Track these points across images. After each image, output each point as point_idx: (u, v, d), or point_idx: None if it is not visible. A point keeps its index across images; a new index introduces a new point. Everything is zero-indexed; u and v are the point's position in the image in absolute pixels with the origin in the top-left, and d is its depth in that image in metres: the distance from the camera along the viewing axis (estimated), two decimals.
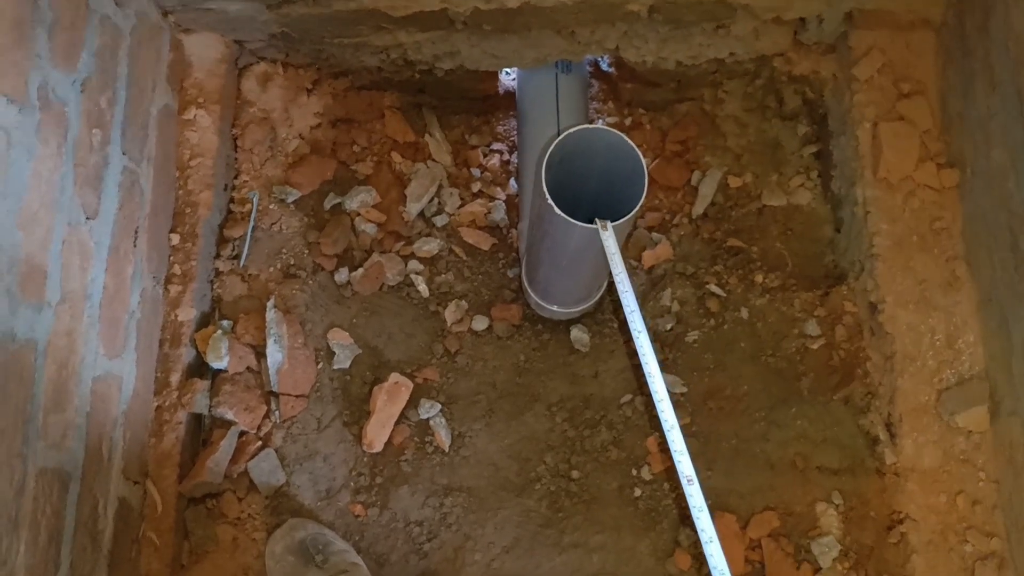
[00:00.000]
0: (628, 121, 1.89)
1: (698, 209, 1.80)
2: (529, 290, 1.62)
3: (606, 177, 1.35)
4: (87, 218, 1.28)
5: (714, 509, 1.52)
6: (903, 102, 1.56)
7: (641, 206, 1.23)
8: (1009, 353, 1.36)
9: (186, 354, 1.51)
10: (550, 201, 1.20)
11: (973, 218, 1.47)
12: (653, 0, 1.53)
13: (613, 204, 1.31)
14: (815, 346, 1.62)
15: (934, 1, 1.51)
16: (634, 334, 1.26)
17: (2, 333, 1.08)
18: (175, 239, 1.55)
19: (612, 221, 1.27)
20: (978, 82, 1.41)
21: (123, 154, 1.38)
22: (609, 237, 1.25)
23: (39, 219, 1.16)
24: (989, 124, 1.39)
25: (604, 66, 1.89)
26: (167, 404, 1.47)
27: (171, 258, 1.54)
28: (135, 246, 1.42)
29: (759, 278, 1.71)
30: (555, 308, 1.61)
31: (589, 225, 1.21)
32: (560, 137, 1.22)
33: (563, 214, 1.20)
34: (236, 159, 1.69)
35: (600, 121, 1.89)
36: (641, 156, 1.23)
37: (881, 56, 1.57)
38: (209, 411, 1.52)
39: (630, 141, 1.24)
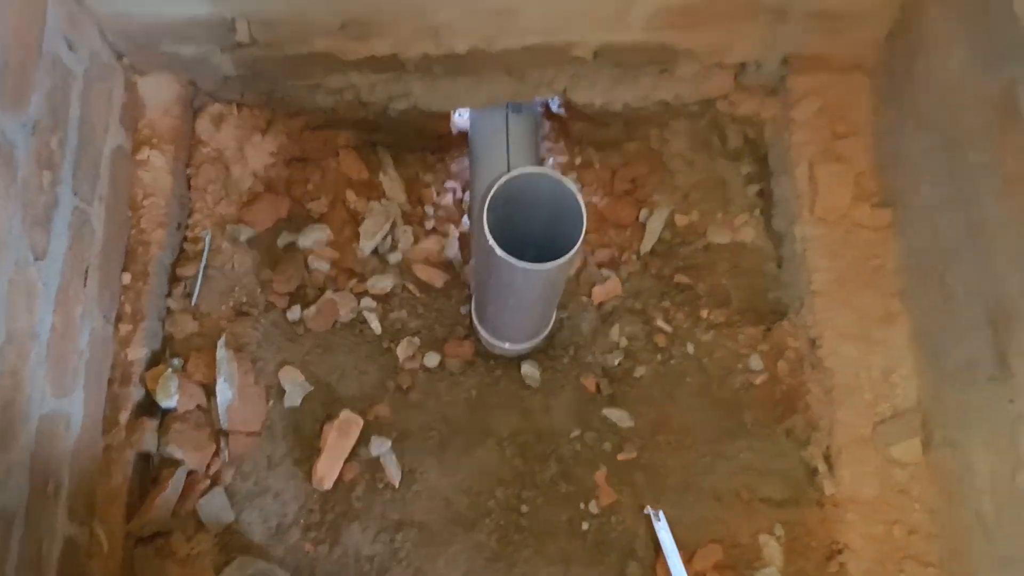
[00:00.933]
0: (578, 160, 1.94)
1: (646, 246, 1.84)
2: (480, 327, 1.64)
3: (551, 216, 1.38)
4: (35, 258, 1.29)
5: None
6: (839, 143, 1.61)
7: (578, 250, 1.26)
8: (940, 385, 1.41)
9: (135, 393, 1.52)
10: (491, 243, 1.23)
11: (906, 255, 1.52)
12: (597, 46, 1.57)
13: (559, 242, 1.34)
14: (759, 380, 1.66)
15: (866, 47, 1.57)
16: None
17: None
18: (127, 278, 1.55)
19: (556, 260, 1.30)
20: (907, 123, 1.47)
21: (74, 194, 1.40)
22: (663, 529, 1.36)
23: None
24: (918, 164, 1.44)
25: (555, 107, 1.93)
26: (116, 443, 1.47)
27: (122, 297, 1.55)
28: (85, 285, 1.43)
29: (705, 314, 1.75)
30: (506, 345, 1.64)
31: (532, 265, 1.24)
32: (501, 180, 1.26)
33: (505, 255, 1.23)
34: (190, 198, 1.70)
35: (551, 160, 1.93)
36: (581, 200, 1.27)
37: (818, 99, 1.63)
38: (158, 450, 1.52)
39: (570, 184, 1.27)
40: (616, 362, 1.72)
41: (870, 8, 1.48)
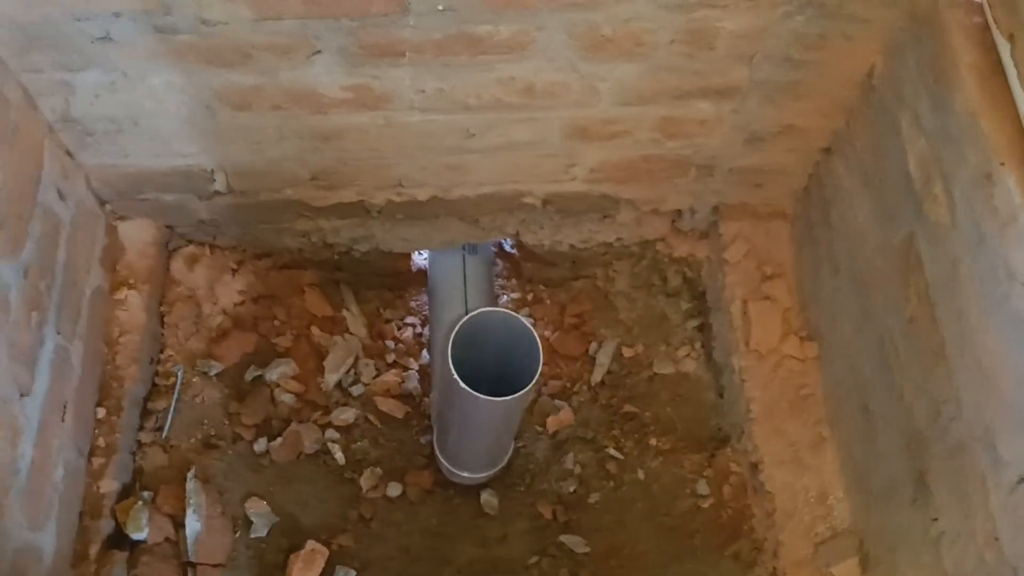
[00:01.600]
0: (530, 296, 2.08)
1: (596, 377, 1.96)
2: (440, 457, 1.72)
3: (506, 351, 1.49)
4: (20, 395, 1.35)
5: None
6: (767, 283, 1.78)
7: (536, 382, 1.38)
8: (869, 506, 1.52)
9: (106, 526, 1.55)
10: (456, 377, 1.34)
11: (831, 384, 1.66)
12: (545, 195, 1.73)
13: (515, 375, 1.45)
14: (705, 504, 1.75)
15: (785, 197, 1.76)
16: None
17: None
18: (101, 412, 1.61)
19: (513, 393, 1.41)
20: (824, 266, 1.64)
21: (57, 333, 1.47)
22: None
23: None
24: (835, 303, 1.60)
25: (507, 247, 2.08)
26: None
27: (96, 431, 1.60)
28: (63, 420, 1.48)
29: (653, 441, 1.85)
30: (465, 474, 1.72)
31: (494, 398, 1.34)
32: (464, 319, 1.38)
33: (469, 389, 1.34)
34: (162, 334, 1.78)
35: (504, 296, 2.07)
36: (537, 338, 1.39)
37: (746, 243, 1.80)
38: None
39: (527, 323, 1.40)
40: (571, 489, 1.81)
41: (787, 165, 1.66)
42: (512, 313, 1.41)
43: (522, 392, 1.35)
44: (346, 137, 1.53)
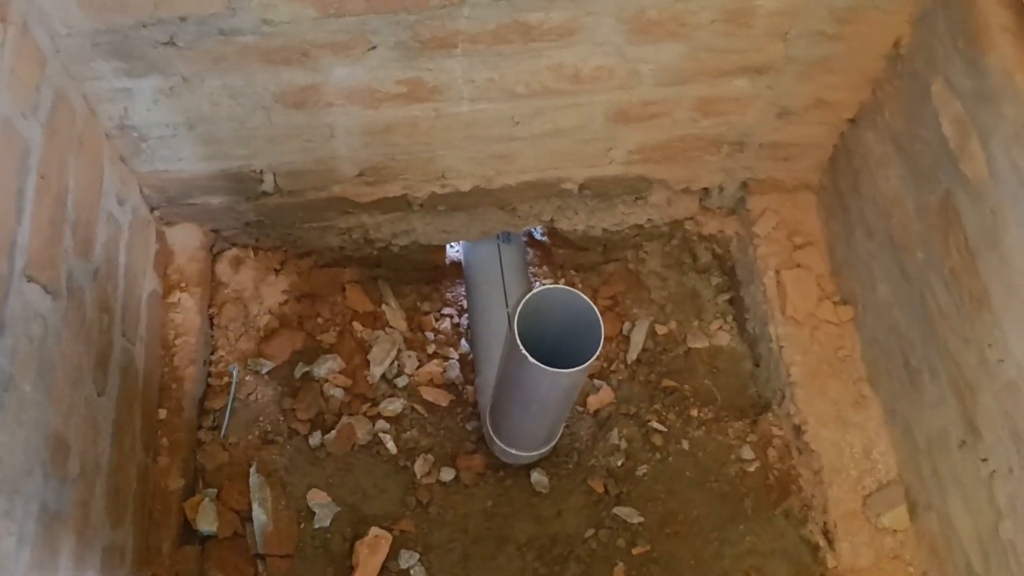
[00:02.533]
0: (562, 281, 2.13)
1: (632, 355, 2.02)
2: (495, 438, 1.77)
3: (564, 328, 1.54)
4: (98, 395, 1.38)
5: None
6: (798, 252, 1.84)
7: (598, 355, 1.43)
8: (916, 455, 1.59)
9: (175, 523, 1.58)
10: (524, 352, 1.39)
11: (870, 345, 1.73)
12: (583, 179, 1.79)
13: (571, 351, 1.50)
14: (752, 468, 1.81)
15: (812, 169, 1.83)
16: None
17: (38, 505, 1.16)
18: (162, 413, 1.64)
19: (572, 367, 1.46)
20: (857, 232, 1.71)
21: (122, 335, 1.50)
22: None
23: (64, 396, 1.26)
24: (871, 265, 1.67)
25: (537, 235, 2.14)
26: (161, 572, 1.52)
27: (159, 431, 1.63)
28: (131, 421, 1.52)
29: (694, 412, 1.91)
30: (520, 453, 1.76)
31: (561, 370, 1.39)
32: (528, 295, 1.42)
33: (537, 362, 1.39)
34: (212, 335, 1.81)
35: (538, 282, 2.12)
36: (597, 311, 1.44)
37: (775, 216, 1.87)
38: None
39: (585, 297, 1.45)
40: (619, 463, 1.86)
41: (815, 137, 1.73)
42: (572, 290, 1.45)
43: (588, 362, 1.40)
44: (396, 131, 1.58)
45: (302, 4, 1.30)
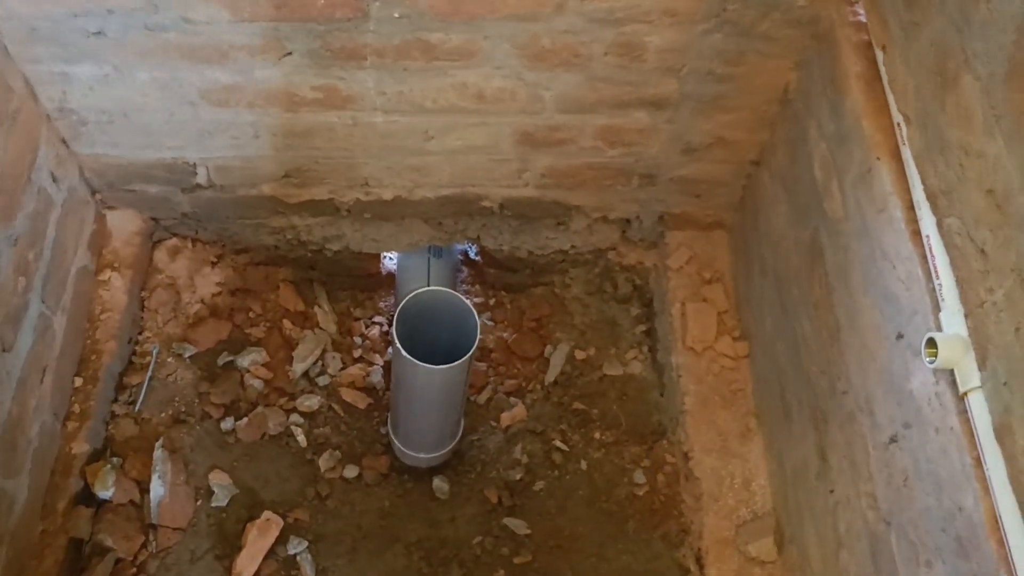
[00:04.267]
0: (492, 301, 2.21)
1: (550, 377, 2.09)
2: (393, 438, 1.84)
3: (453, 333, 1.62)
4: (3, 350, 1.48)
5: None
6: (705, 287, 1.91)
7: (471, 356, 1.50)
8: (785, 489, 1.63)
9: (75, 484, 1.67)
10: (399, 346, 1.47)
11: (758, 379, 1.78)
12: (502, 199, 1.88)
13: (462, 354, 1.58)
14: (641, 492, 1.86)
15: (724, 208, 1.90)
16: None
17: None
18: (78, 382, 1.74)
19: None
20: (754, 269, 1.78)
21: (41, 302, 1.61)
22: None
23: None
24: (762, 301, 1.73)
25: (472, 255, 2.23)
26: (51, 528, 1.61)
27: (72, 398, 1.73)
28: (41, 383, 1.62)
29: (597, 435, 1.97)
30: (415, 454, 1.83)
31: (432, 366, 1.47)
32: (410, 295, 1.51)
33: (410, 357, 1.47)
34: (142, 317, 1.92)
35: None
36: (475, 313, 1.52)
37: (688, 251, 1.94)
38: (90, 538, 1.65)
39: (465, 301, 1.53)
40: (518, 477, 1.92)
41: (722, 176, 1.81)
42: (452, 292, 1.54)
43: (459, 362, 1.48)
44: (316, 136, 1.69)
45: (218, 6, 1.41)
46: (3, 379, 1.49)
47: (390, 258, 2.22)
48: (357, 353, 2.11)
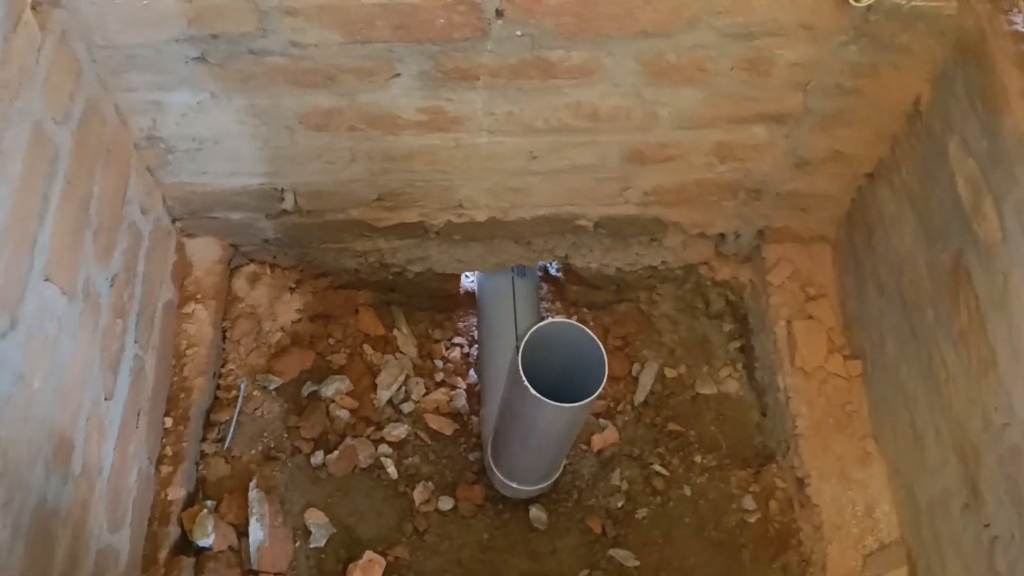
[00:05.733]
0: (574, 319, 2.13)
1: (639, 397, 2.02)
2: (495, 469, 1.77)
3: (569, 363, 1.55)
4: (105, 398, 1.40)
5: None
6: (810, 303, 1.84)
7: (602, 389, 1.43)
8: (918, 517, 1.56)
9: (173, 532, 1.59)
10: (527, 383, 1.39)
11: (876, 402, 1.71)
12: (598, 217, 1.81)
13: (575, 387, 1.50)
14: (752, 519, 1.79)
15: (828, 221, 1.83)
16: None
17: (37, 499, 1.18)
18: (168, 422, 1.66)
19: (574, 402, 1.46)
20: (869, 287, 1.71)
21: (135, 342, 1.53)
22: None
23: (73, 396, 1.29)
24: (881, 322, 1.67)
25: (552, 271, 2.15)
26: None
27: (164, 440, 1.65)
28: (137, 427, 1.54)
29: (698, 459, 1.90)
30: (520, 487, 1.76)
31: (563, 404, 1.40)
32: (535, 327, 1.43)
33: (539, 395, 1.39)
34: (224, 348, 1.84)
35: (549, 319, 2.13)
36: (601, 346, 1.45)
37: (790, 266, 1.87)
38: None
39: (591, 333, 1.46)
40: (619, 504, 1.85)
41: (831, 190, 1.74)
42: (579, 325, 1.47)
43: (591, 398, 1.41)
44: (416, 159, 1.61)
45: (330, 29, 1.33)
46: (108, 429, 1.41)
47: (469, 277, 2.14)
48: (439, 377, 2.04)
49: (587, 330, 1.45)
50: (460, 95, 1.47)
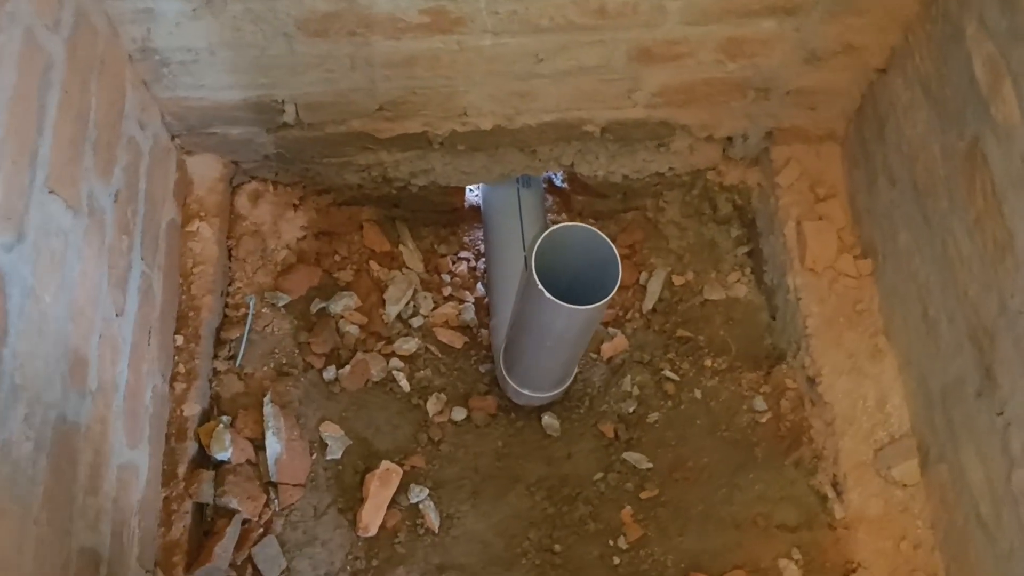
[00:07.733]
0: None
1: (648, 304, 2.01)
2: (508, 378, 1.77)
3: (581, 268, 1.53)
4: (116, 315, 1.39)
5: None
6: (820, 203, 1.82)
7: (615, 292, 1.42)
8: (930, 406, 1.58)
9: (190, 447, 1.60)
10: (541, 287, 1.38)
11: (887, 297, 1.71)
12: (605, 122, 1.77)
13: (588, 290, 1.49)
14: (763, 419, 1.81)
15: (838, 119, 1.80)
16: None
17: (56, 415, 1.17)
18: (179, 340, 1.66)
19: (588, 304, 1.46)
20: (880, 181, 1.69)
21: (141, 260, 1.51)
22: None
23: (85, 313, 1.27)
24: (893, 214, 1.65)
25: (557, 182, 2.13)
26: (175, 495, 1.55)
27: (176, 358, 1.64)
28: (149, 345, 1.53)
29: (708, 362, 1.91)
30: (534, 394, 1.76)
31: (578, 306, 1.39)
32: (547, 232, 1.42)
33: (555, 299, 1.38)
34: (230, 268, 1.82)
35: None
36: (614, 247, 1.43)
37: (798, 166, 1.85)
38: (214, 501, 1.59)
39: (604, 236, 1.44)
40: (631, 409, 1.86)
41: (842, 85, 1.71)
42: (590, 228, 1.45)
43: (605, 300, 1.40)
44: (417, 64, 1.57)
45: None
46: (121, 347, 1.40)
47: (473, 190, 2.12)
48: (447, 291, 2.03)
49: (598, 231, 1.44)
50: None
